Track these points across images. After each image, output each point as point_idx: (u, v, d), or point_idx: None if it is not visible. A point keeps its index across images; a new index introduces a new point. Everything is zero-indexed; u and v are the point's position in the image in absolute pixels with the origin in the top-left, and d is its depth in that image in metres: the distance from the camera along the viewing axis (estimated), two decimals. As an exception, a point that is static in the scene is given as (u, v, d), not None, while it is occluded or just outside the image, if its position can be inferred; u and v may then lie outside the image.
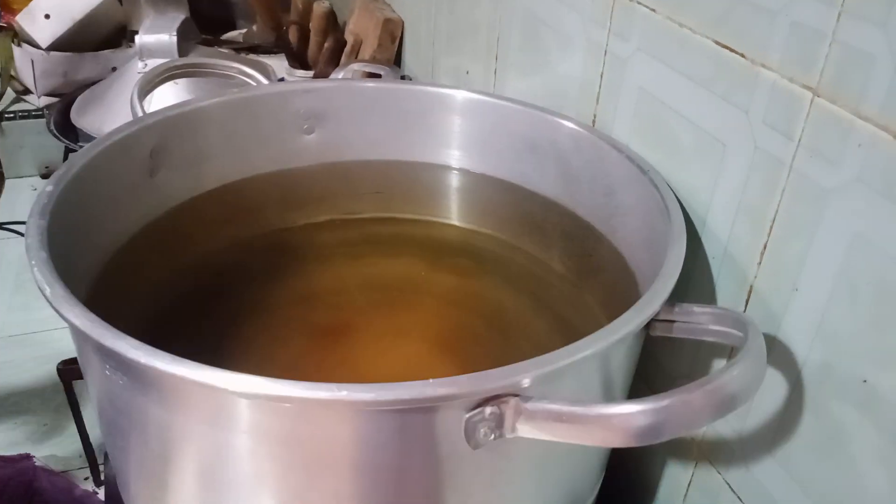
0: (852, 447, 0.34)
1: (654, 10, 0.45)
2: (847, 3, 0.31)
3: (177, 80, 0.94)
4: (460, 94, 0.53)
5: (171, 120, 0.49)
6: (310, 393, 0.28)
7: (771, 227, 0.37)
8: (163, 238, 0.50)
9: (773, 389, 0.38)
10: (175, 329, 0.46)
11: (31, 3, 1.13)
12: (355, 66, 0.88)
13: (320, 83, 0.57)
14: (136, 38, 0.95)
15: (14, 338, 0.85)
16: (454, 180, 0.55)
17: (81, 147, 0.92)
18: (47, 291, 0.32)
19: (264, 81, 0.56)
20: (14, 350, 0.82)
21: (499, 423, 0.30)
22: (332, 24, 1.08)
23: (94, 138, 0.92)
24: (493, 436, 0.30)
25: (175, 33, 0.95)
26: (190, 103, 0.50)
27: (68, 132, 0.98)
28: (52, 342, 0.83)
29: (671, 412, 0.28)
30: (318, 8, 1.05)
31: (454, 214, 0.55)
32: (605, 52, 0.50)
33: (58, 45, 1.13)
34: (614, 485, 0.46)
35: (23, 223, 0.99)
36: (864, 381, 0.33)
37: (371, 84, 0.55)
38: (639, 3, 0.46)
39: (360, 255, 0.53)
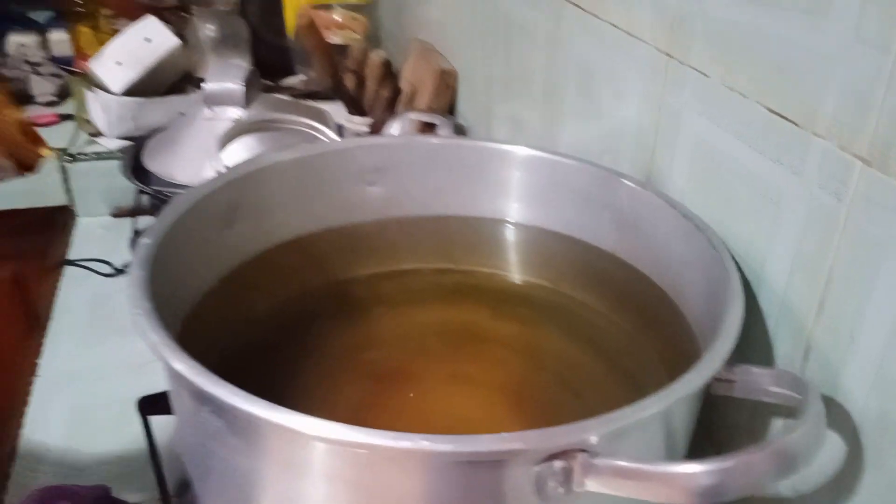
0: (913, 504, 0.35)
1: (706, 75, 0.46)
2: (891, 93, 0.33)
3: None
4: (520, 151, 0.55)
5: (249, 175, 0.52)
6: (392, 442, 0.30)
7: (826, 283, 0.39)
8: (237, 287, 0.53)
9: (832, 443, 0.39)
10: (247, 374, 0.48)
11: (104, 50, 1.19)
12: (412, 116, 0.92)
13: (384, 139, 0.60)
14: (204, 86, 1.00)
15: (86, 372, 0.89)
16: (513, 233, 0.57)
17: (153, 189, 0.98)
18: (153, 340, 0.35)
19: (333, 136, 0.60)
20: (86, 384, 0.86)
21: (567, 477, 0.32)
22: (388, 72, 1.12)
23: (164, 181, 0.97)
24: (561, 489, 0.32)
25: (241, 82, 0.99)
26: (264, 159, 0.54)
27: (140, 175, 1.03)
28: (122, 376, 0.87)
29: (734, 474, 0.30)
30: (375, 57, 1.10)
31: (514, 266, 0.57)
32: (660, 107, 0.52)
33: (128, 91, 1.20)
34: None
35: (93, 260, 1.05)
36: (924, 438, 0.34)
37: (433, 140, 0.58)
38: (690, 66, 0.48)
39: (421, 305, 0.55)
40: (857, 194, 0.36)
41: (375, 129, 1.06)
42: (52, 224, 1.19)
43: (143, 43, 1.20)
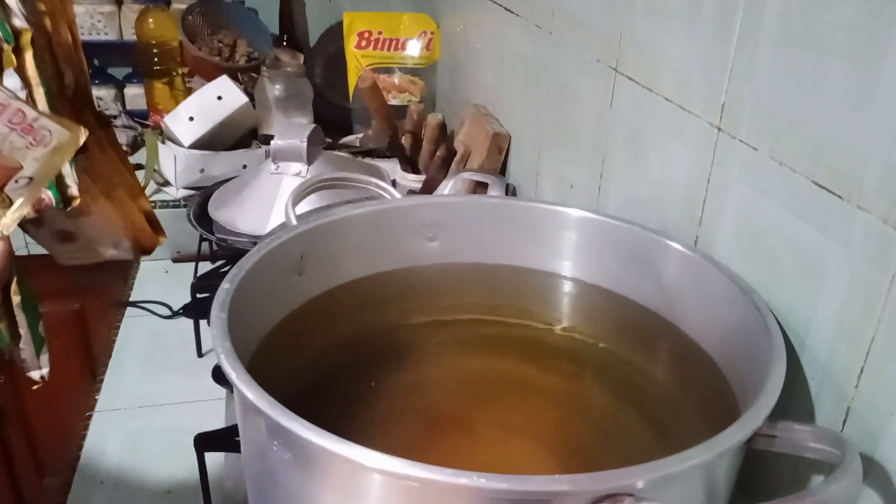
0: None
1: (755, 148, 0.49)
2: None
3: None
4: (573, 211, 0.58)
5: (319, 228, 0.56)
6: (452, 479, 0.33)
7: (868, 351, 0.40)
8: (298, 329, 0.56)
9: (870, 501, 0.40)
10: (306, 410, 0.51)
11: (179, 107, 1.27)
12: (465, 175, 0.96)
13: (444, 198, 0.64)
14: (272, 143, 1.06)
15: (142, 409, 0.93)
16: (562, 288, 0.59)
17: (216, 237, 1.03)
18: (233, 376, 0.38)
19: (395, 194, 0.64)
20: (141, 420, 0.90)
21: (614, 519, 0.34)
22: (443, 133, 1.17)
23: (227, 230, 1.02)
24: (607, 531, 0.34)
25: (305, 140, 1.05)
26: (334, 213, 0.57)
27: (203, 222, 1.08)
28: (176, 413, 0.91)
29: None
30: (432, 119, 1.15)
31: (561, 320, 0.60)
32: (709, 178, 0.55)
33: (197, 144, 1.27)
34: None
35: (153, 302, 1.10)
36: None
37: (491, 199, 0.62)
38: (740, 140, 0.51)
39: (471, 354, 0.58)
40: (900, 265, 0.38)
41: (428, 187, 1.10)
42: (118, 265, 1.25)
43: (215, 100, 1.28)
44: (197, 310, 1.00)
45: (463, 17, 1.25)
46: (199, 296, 0.99)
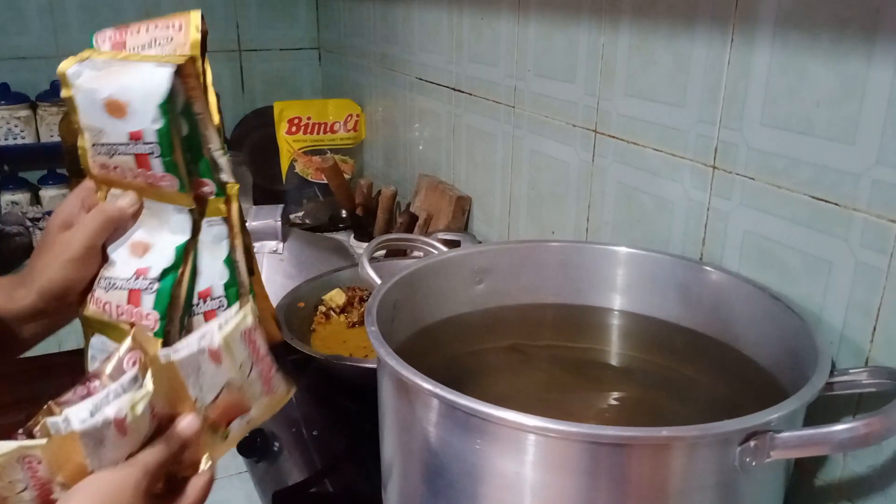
0: (973, 455, 0.50)
1: (752, 179, 0.64)
2: (917, 168, 0.51)
3: (282, 258, 1.11)
4: (619, 249, 0.71)
5: (403, 279, 0.65)
6: (654, 433, 0.43)
7: (878, 315, 0.55)
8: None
9: None
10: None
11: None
12: (440, 235, 1.07)
13: (489, 247, 0.75)
14: (246, 224, 1.11)
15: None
16: (609, 318, 0.71)
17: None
18: (420, 381, 0.47)
19: (444, 249, 0.73)
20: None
21: (759, 451, 0.45)
22: (394, 203, 1.28)
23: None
24: (754, 462, 0.45)
25: (279, 219, 1.12)
26: (410, 266, 0.66)
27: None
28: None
29: (872, 427, 0.44)
30: (386, 191, 1.25)
31: (599, 341, 0.71)
32: (708, 208, 0.69)
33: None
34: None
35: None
36: (975, 405, 0.49)
37: (524, 244, 0.73)
38: (737, 174, 0.66)
39: (541, 370, 0.68)
40: (897, 247, 0.53)
41: (390, 253, 1.20)
42: (73, 368, 1.23)
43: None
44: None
45: (396, 100, 1.37)
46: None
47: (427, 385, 0.48)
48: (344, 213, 1.38)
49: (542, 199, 0.96)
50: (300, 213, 1.49)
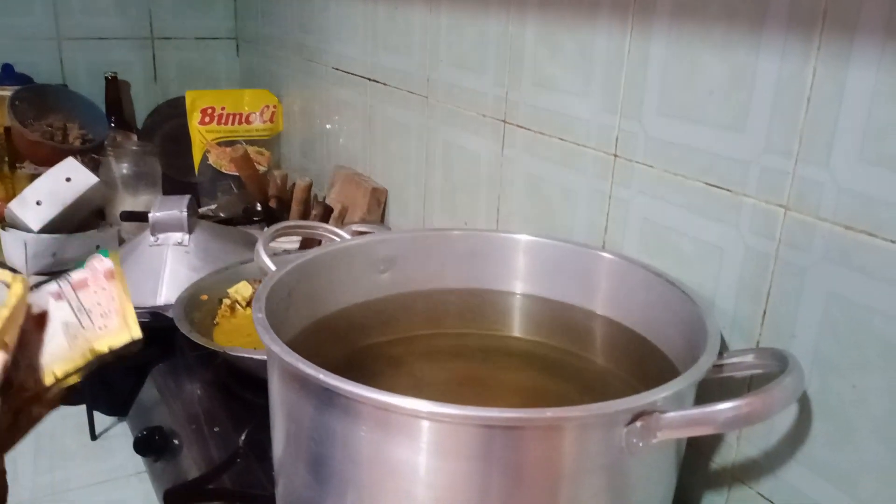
0: (854, 434, 0.51)
1: (651, 167, 0.65)
2: (801, 154, 0.52)
3: (188, 250, 1.07)
4: (521, 237, 0.70)
5: (299, 266, 0.63)
6: (538, 414, 0.42)
7: (767, 299, 0.56)
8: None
9: (788, 410, 0.55)
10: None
11: (25, 192, 1.23)
12: (354, 227, 1.05)
13: (391, 235, 0.73)
14: (151, 215, 1.07)
15: (49, 498, 0.89)
16: (511, 302, 0.71)
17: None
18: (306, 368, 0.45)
19: (347, 237, 0.72)
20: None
21: (645, 432, 0.45)
22: (309, 195, 1.25)
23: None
24: (641, 444, 0.45)
25: (185, 210, 1.08)
26: (309, 254, 0.65)
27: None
28: (88, 496, 0.89)
29: (753, 405, 0.45)
30: (301, 183, 1.23)
31: (503, 327, 0.71)
32: (610, 196, 0.70)
33: (46, 228, 1.23)
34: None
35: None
36: (854, 385, 0.51)
37: (430, 232, 0.72)
38: (637, 161, 0.66)
39: (438, 361, 0.67)
40: (783, 232, 0.54)
41: (307, 245, 1.17)
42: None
43: (63, 182, 1.25)
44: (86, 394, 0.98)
45: (313, 91, 1.35)
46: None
47: (309, 370, 0.46)
48: (259, 206, 1.35)
49: (456, 190, 0.95)
50: (213, 206, 1.44)
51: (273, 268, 0.62)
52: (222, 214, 1.41)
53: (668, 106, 0.63)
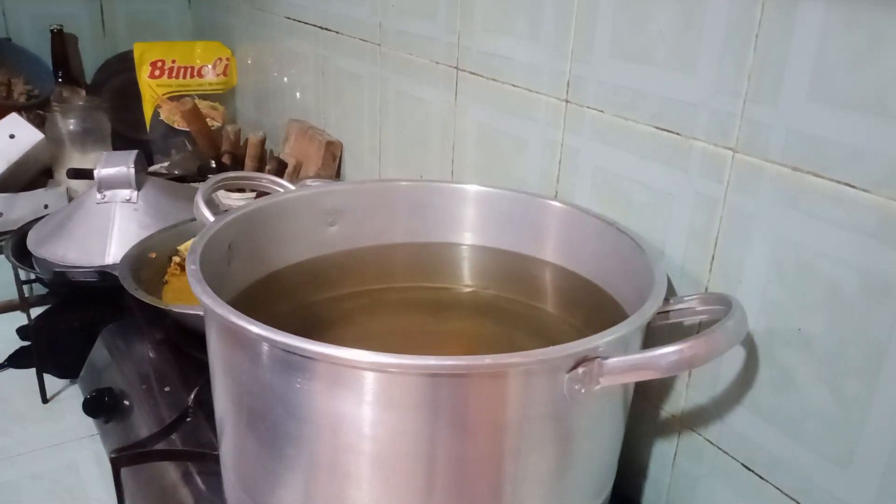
0: (798, 378, 0.51)
1: (601, 111, 0.63)
2: (749, 93, 0.51)
3: (136, 207, 1.04)
4: (470, 188, 0.69)
5: (238, 218, 0.61)
6: (472, 361, 0.41)
7: (715, 244, 0.55)
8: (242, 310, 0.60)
9: (735, 356, 0.55)
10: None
11: (-34, 150, 1.18)
12: (308, 182, 1.03)
13: (339, 185, 0.71)
14: (97, 172, 1.04)
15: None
16: (461, 253, 0.70)
17: (58, 270, 0.98)
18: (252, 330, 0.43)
19: (290, 187, 0.69)
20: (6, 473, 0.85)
21: (587, 379, 0.44)
22: (263, 150, 1.22)
23: (58, 265, 0.98)
24: (583, 390, 0.44)
25: (132, 166, 1.04)
26: (249, 206, 0.62)
27: (23, 261, 1.03)
28: (40, 459, 0.87)
29: (696, 349, 0.44)
30: (254, 138, 1.19)
31: (461, 279, 0.70)
32: (562, 144, 0.68)
33: (-11, 188, 1.18)
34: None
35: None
36: (799, 329, 0.50)
37: (377, 183, 0.70)
38: (588, 107, 0.65)
39: (392, 312, 0.66)
40: (732, 175, 0.53)
41: (262, 203, 1.14)
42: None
43: (7, 140, 1.20)
44: (35, 356, 0.96)
45: (266, 42, 1.30)
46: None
47: (240, 321, 0.44)
48: (213, 163, 1.31)
49: (409, 142, 0.93)
50: (166, 164, 1.40)
51: (211, 219, 0.60)
52: (176, 172, 1.38)
53: (618, 49, 0.61)
